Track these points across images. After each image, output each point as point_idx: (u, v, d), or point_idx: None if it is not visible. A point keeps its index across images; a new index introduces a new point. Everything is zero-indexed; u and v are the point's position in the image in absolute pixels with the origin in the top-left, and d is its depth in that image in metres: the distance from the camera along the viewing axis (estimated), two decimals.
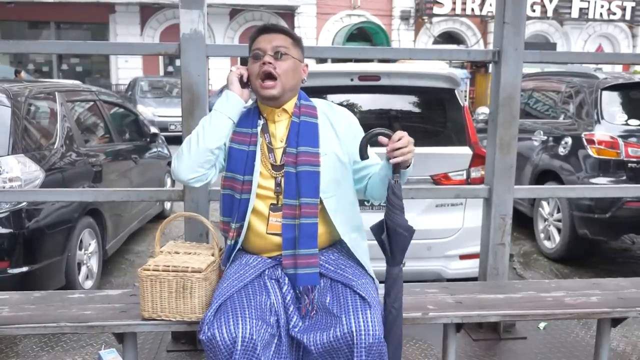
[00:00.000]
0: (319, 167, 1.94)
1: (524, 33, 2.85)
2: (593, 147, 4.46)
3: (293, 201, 1.92)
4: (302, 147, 1.94)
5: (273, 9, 18.75)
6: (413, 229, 1.91)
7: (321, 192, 1.94)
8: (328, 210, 1.96)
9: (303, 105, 2.02)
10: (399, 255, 1.91)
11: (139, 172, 5.07)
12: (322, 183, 1.94)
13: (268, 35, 1.96)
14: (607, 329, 2.42)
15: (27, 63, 18.30)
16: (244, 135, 1.98)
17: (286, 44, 1.95)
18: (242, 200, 1.95)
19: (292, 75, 1.96)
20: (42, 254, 3.29)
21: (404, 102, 3.77)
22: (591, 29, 20.49)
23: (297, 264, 1.89)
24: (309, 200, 1.91)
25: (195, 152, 1.94)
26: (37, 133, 3.68)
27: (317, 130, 1.98)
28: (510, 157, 2.90)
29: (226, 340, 1.72)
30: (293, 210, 1.91)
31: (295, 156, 1.94)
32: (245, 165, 1.95)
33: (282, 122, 2.01)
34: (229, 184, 1.99)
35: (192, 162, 1.94)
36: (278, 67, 1.92)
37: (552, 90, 5.55)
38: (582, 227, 4.48)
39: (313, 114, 2.01)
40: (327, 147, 1.98)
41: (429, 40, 19.49)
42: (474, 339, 3.04)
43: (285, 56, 1.93)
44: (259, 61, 1.93)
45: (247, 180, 1.95)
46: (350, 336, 1.74)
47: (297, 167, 1.92)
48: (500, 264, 2.96)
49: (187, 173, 1.96)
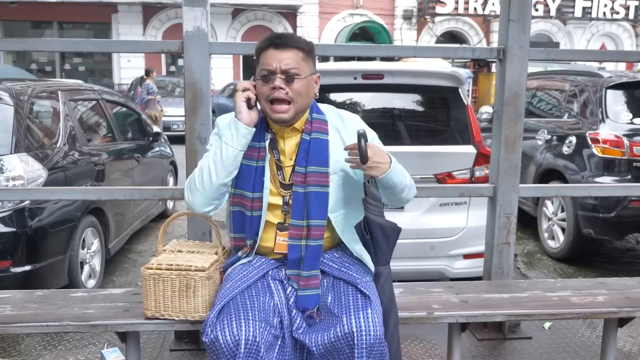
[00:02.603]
0: (328, 187, 1.90)
1: (530, 31, 2.83)
2: (598, 146, 4.44)
3: (300, 222, 1.89)
4: (312, 167, 1.90)
5: (275, 9, 18.77)
6: (397, 227, 1.86)
7: (329, 212, 1.91)
8: (336, 229, 1.94)
9: (315, 120, 1.95)
10: (382, 254, 1.87)
11: (142, 171, 5.06)
12: (330, 202, 1.91)
13: (277, 52, 1.84)
14: (614, 329, 2.41)
15: (30, 62, 18.35)
16: (252, 149, 1.92)
17: (297, 62, 1.84)
18: (253, 217, 1.92)
19: (305, 96, 1.88)
20: (44, 252, 3.28)
21: (407, 101, 3.75)
22: (594, 28, 20.45)
23: (299, 285, 1.88)
24: (317, 222, 1.88)
25: (210, 188, 1.89)
26: (39, 132, 3.67)
27: (327, 148, 1.93)
28: (515, 156, 2.88)
29: (229, 342, 1.70)
30: (300, 231, 1.89)
31: (304, 175, 1.90)
32: (254, 182, 1.91)
33: (291, 139, 1.96)
34: (238, 200, 1.95)
35: (206, 197, 1.91)
36: (290, 91, 1.83)
37: (556, 89, 5.52)
38: (587, 226, 4.46)
39: (324, 129, 1.95)
40: (336, 165, 1.94)
41: (432, 40, 19.47)
42: (478, 338, 3.02)
43: (296, 78, 1.83)
44: (268, 84, 1.84)
45: (256, 197, 1.91)
46: (351, 336, 1.72)
47: (306, 188, 1.89)
48: (505, 263, 2.94)
49: (203, 207, 1.94)
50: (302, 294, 1.87)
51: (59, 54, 18.24)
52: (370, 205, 1.85)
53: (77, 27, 18.90)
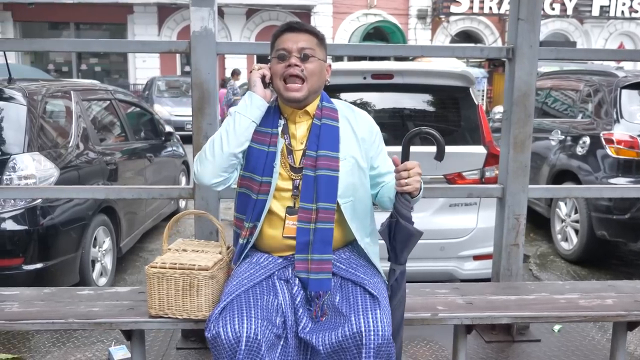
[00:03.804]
0: (338, 171, 1.91)
1: (539, 30, 2.79)
2: (612, 146, 4.37)
3: (310, 205, 1.89)
4: (322, 151, 1.91)
5: (289, 9, 18.78)
6: (421, 232, 1.89)
7: (339, 197, 1.91)
8: (345, 215, 1.94)
9: (325, 108, 1.98)
10: (402, 256, 1.90)
11: (154, 171, 5.10)
12: (340, 187, 1.91)
13: (293, 34, 1.91)
14: (623, 332, 2.37)
15: (47, 63, 18.59)
16: (264, 135, 1.94)
17: (312, 44, 1.90)
18: (258, 200, 1.92)
19: (318, 78, 1.92)
20: (56, 250, 3.32)
21: (417, 101, 3.73)
22: (612, 27, 20.14)
23: (309, 268, 1.87)
24: (327, 205, 1.89)
25: (220, 157, 1.90)
26: (52, 131, 3.71)
27: (338, 134, 1.95)
28: (524, 156, 2.85)
29: (230, 338, 1.70)
30: (309, 214, 1.89)
31: (315, 159, 1.91)
32: (264, 166, 1.92)
33: (303, 124, 1.98)
34: (245, 183, 1.96)
35: (216, 167, 1.92)
36: (305, 69, 1.87)
37: (570, 89, 5.46)
38: (601, 228, 4.39)
39: (334, 117, 1.98)
40: (347, 151, 1.95)
41: (446, 40, 19.33)
42: (486, 340, 2.99)
43: (312, 58, 1.88)
44: (283, 62, 1.88)
45: (265, 181, 1.92)
46: (359, 336, 1.71)
47: (317, 171, 1.90)
48: (513, 265, 2.91)
49: (211, 178, 1.94)
50: (315, 277, 1.85)
51: (75, 55, 18.46)
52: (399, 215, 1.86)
53: (94, 27, 19.10)
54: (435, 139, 1.87)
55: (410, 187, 1.82)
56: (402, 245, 1.87)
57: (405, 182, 1.81)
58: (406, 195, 1.85)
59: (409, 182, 1.81)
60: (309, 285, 1.86)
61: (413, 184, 1.82)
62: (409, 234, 1.85)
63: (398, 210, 1.86)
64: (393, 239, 1.87)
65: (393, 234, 1.87)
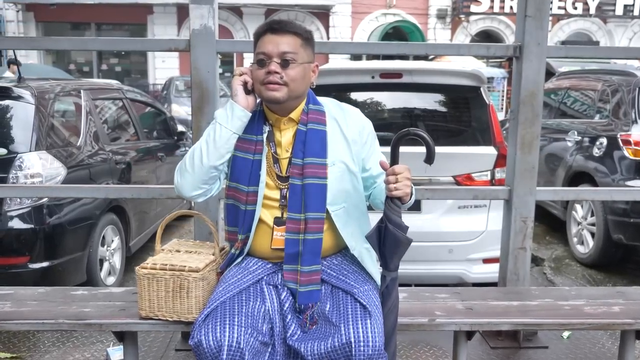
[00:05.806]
0: (325, 179, 1.84)
1: (547, 27, 2.71)
2: (629, 148, 4.25)
3: (298, 215, 1.83)
4: (309, 158, 1.84)
5: (308, 9, 18.76)
6: (411, 239, 1.80)
7: (329, 205, 1.85)
8: (337, 223, 1.87)
9: (311, 111, 1.89)
10: (393, 263, 1.82)
11: (166, 170, 5.10)
12: (330, 195, 1.85)
13: (275, 36, 1.79)
14: (631, 341, 2.27)
15: (69, 63, 18.87)
16: (249, 142, 1.87)
17: (294, 47, 1.79)
18: (247, 211, 1.87)
19: (300, 83, 1.82)
20: (63, 249, 3.33)
21: (426, 100, 3.66)
22: (636, 27, 19.69)
23: (299, 280, 1.81)
24: (315, 215, 1.82)
25: (200, 170, 1.85)
26: (61, 130, 3.73)
27: (325, 139, 1.87)
28: (532, 157, 2.76)
29: (212, 347, 1.65)
30: (297, 225, 1.83)
31: (302, 167, 1.84)
32: (250, 175, 1.86)
33: (288, 130, 1.90)
34: (232, 193, 1.90)
35: (196, 179, 1.87)
36: (285, 76, 1.78)
37: (588, 89, 5.32)
38: (617, 231, 4.27)
39: (321, 120, 1.89)
40: (335, 156, 1.87)
41: (466, 39, 19.08)
42: (491, 346, 2.91)
43: (292, 64, 1.78)
44: (263, 68, 1.79)
45: (252, 191, 1.86)
46: (348, 347, 1.65)
47: (304, 180, 1.83)
48: (520, 269, 2.82)
49: (191, 190, 1.90)
50: (304, 289, 1.80)
51: (96, 55, 18.71)
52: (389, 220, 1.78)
53: (115, 28, 19.33)
54: (424, 141, 1.77)
55: (399, 192, 1.73)
56: (391, 251, 1.79)
57: (394, 186, 1.73)
58: (396, 201, 1.76)
59: (398, 187, 1.72)
60: (298, 298, 1.80)
61: (402, 189, 1.73)
62: (397, 241, 1.77)
63: (387, 216, 1.77)
64: (382, 244, 1.79)
65: (383, 239, 1.79)
